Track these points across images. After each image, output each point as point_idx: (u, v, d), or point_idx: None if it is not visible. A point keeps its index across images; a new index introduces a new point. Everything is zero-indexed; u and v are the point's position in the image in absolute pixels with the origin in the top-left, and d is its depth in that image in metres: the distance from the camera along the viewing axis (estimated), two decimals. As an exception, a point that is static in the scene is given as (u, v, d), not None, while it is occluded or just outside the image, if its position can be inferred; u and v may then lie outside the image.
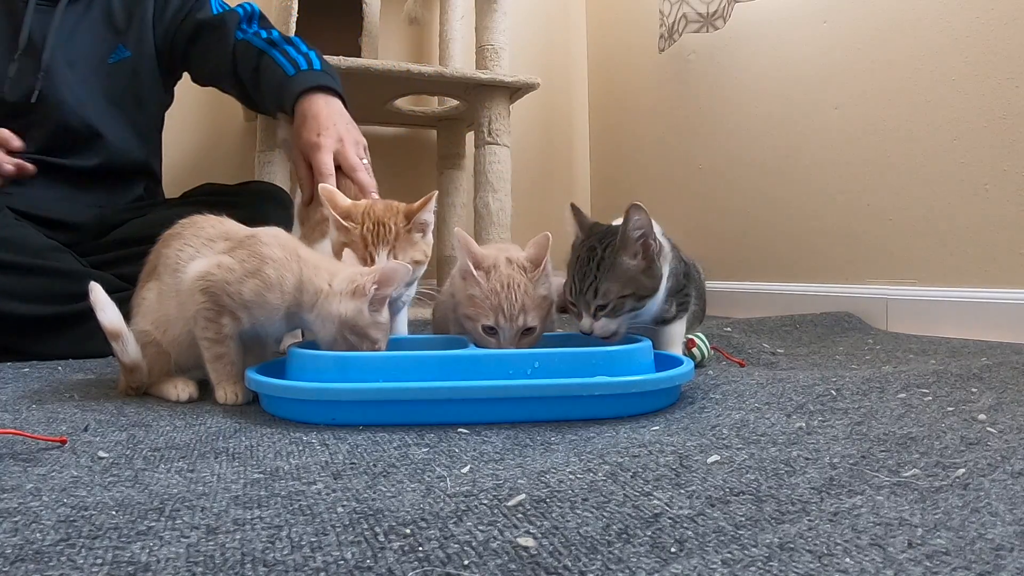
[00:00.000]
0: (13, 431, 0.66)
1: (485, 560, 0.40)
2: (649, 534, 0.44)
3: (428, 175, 2.51)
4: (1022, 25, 1.43)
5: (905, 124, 1.65)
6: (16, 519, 0.46)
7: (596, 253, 0.92)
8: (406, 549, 0.41)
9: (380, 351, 0.83)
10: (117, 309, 0.84)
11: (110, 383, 0.97)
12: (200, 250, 0.86)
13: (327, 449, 0.64)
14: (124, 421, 0.75)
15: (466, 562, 0.40)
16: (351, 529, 0.44)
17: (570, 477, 0.54)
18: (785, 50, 1.97)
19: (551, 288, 0.92)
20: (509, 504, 0.49)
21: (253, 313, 0.82)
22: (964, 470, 0.55)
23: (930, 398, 0.81)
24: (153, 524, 0.45)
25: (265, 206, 1.44)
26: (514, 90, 2.10)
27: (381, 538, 0.43)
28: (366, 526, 0.45)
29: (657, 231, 1.00)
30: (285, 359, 0.85)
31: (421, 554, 0.41)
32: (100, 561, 0.40)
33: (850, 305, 1.73)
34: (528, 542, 0.42)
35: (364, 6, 2.23)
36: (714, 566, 0.39)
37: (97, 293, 0.83)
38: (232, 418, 0.77)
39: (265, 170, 1.91)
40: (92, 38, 1.42)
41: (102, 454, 0.62)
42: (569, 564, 0.40)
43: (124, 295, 0.94)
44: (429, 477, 0.55)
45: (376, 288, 0.81)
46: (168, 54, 1.50)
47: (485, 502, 0.49)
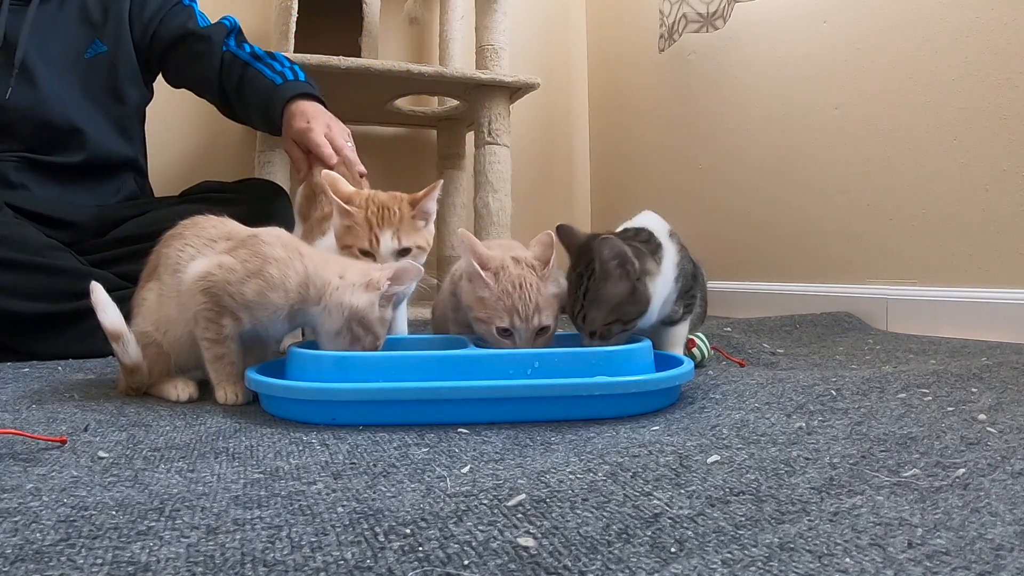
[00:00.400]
0: (13, 431, 0.66)
1: (485, 560, 0.40)
2: (649, 534, 0.44)
3: (428, 175, 2.51)
4: (1022, 25, 1.43)
5: (905, 124, 1.65)
6: (16, 519, 0.46)
7: (583, 281, 0.91)
8: (406, 549, 0.41)
9: (378, 350, 0.83)
10: (118, 310, 0.84)
11: (110, 383, 0.97)
12: (201, 250, 0.86)
13: (327, 449, 0.64)
14: (124, 421, 0.75)
15: (466, 562, 0.40)
16: (351, 529, 0.44)
17: (570, 477, 0.54)
18: (785, 50, 1.97)
19: (561, 285, 0.92)
20: (509, 504, 0.49)
21: (255, 313, 0.82)
22: (964, 470, 0.55)
23: (930, 398, 0.81)
24: (153, 524, 0.45)
25: (265, 202, 1.45)
26: (514, 90, 2.10)
27: (381, 538, 0.43)
28: (366, 526, 0.45)
29: (664, 231, 1.00)
30: (285, 359, 0.85)
31: (421, 554, 0.41)
32: (100, 561, 0.40)
33: (850, 305, 1.73)
34: (528, 542, 0.42)
35: (364, 6, 2.23)
36: (714, 566, 0.39)
37: (98, 293, 0.83)
38: (232, 418, 0.77)
39: (265, 170, 1.91)
40: (67, 34, 1.43)
41: (102, 454, 0.62)
42: (569, 564, 0.40)
43: (124, 293, 0.94)
44: (429, 477, 0.55)
45: (390, 283, 0.82)
46: (146, 51, 1.51)
47: (485, 502, 0.49)
